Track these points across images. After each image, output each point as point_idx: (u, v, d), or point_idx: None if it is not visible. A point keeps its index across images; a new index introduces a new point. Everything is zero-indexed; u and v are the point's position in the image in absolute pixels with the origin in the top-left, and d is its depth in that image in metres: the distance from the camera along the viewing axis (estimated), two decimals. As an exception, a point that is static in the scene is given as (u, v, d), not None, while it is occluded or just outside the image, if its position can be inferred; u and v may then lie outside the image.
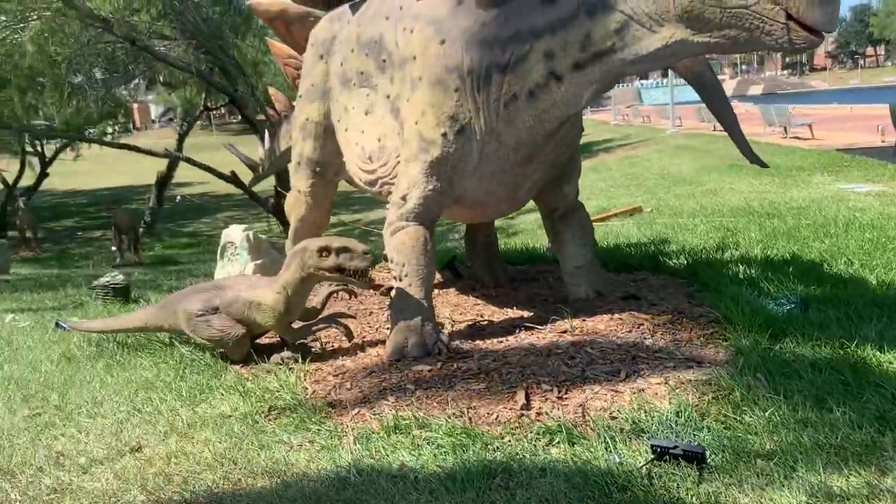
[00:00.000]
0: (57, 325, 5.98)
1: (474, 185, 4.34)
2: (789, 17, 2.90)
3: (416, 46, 4.31)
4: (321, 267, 4.17)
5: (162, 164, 20.26)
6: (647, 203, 11.75)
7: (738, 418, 3.12)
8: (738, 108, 27.57)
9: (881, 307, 4.42)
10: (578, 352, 3.94)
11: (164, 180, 22.46)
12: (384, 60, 4.73)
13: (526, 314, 4.92)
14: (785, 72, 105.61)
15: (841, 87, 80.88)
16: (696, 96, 4.83)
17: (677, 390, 3.41)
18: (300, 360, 4.33)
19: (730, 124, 4.41)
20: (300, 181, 5.94)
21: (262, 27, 16.39)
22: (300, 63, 6.86)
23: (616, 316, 4.50)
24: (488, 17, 4.02)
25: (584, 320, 4.48)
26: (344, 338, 4.55)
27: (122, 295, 7.07)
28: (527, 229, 10.74)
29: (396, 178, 4.60)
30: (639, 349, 3.97)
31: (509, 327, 4.63)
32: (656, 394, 3.41)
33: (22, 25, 12.69)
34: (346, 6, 5.46)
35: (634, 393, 3.42)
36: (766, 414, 3.11)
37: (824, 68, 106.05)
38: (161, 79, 17.31)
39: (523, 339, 4.37)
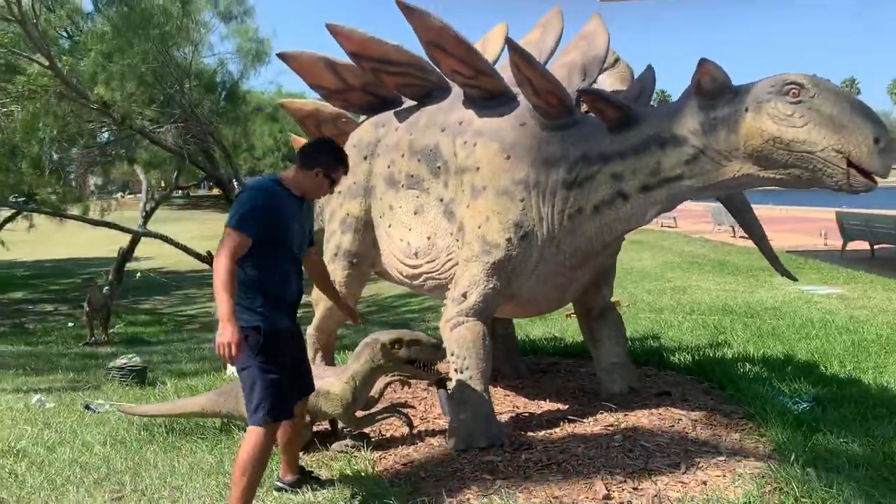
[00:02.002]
0: (87, 407, 6.02)
1: (529, 286, 4.73)
2: (850, 163, 3.45)
3: (481, 159, 4.76)
4: (392, 359, 4.44)
5: (95, 238, 20.18)
6: (621, 297, 12.34)
7: (801, 509, 3.48)
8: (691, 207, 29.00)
9: (888, 407, 4.92)
10: (634, 445, 4.28)
11: (125, 256, 22.23)
12: (439, 167, 5.16)
13: (562, 406, 5.24)
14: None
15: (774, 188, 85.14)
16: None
17: (737, 482, 3.76)
18: (363, 448, 4.54)
19: (760, 238, 4.94)
20: (336, 272, 6.21)
21: (245, 115, 16.91)
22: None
23: (654, 411, 4.87)
24: (553, 138, 4.51)
25: (626, 415, 4.83)
26: (404, 427, 4.78)
27: (139, 377, 7.11)
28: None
29: (454, 275, 4.96)
30: (687, 443, 4.33)
31: (552, 419, 4.94)
32: (719, 486, 3.75)
33: (10, 101, 12.84)
34: (390, 113, 5.90)
35: (699, 484, 3.76)
36: (826, 506, 3.48)
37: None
38: (139, 158, 17.46)
39: (571, 430, 4.69)
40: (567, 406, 5.24)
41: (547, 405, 5.32)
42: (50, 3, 14.19)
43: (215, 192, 62.23)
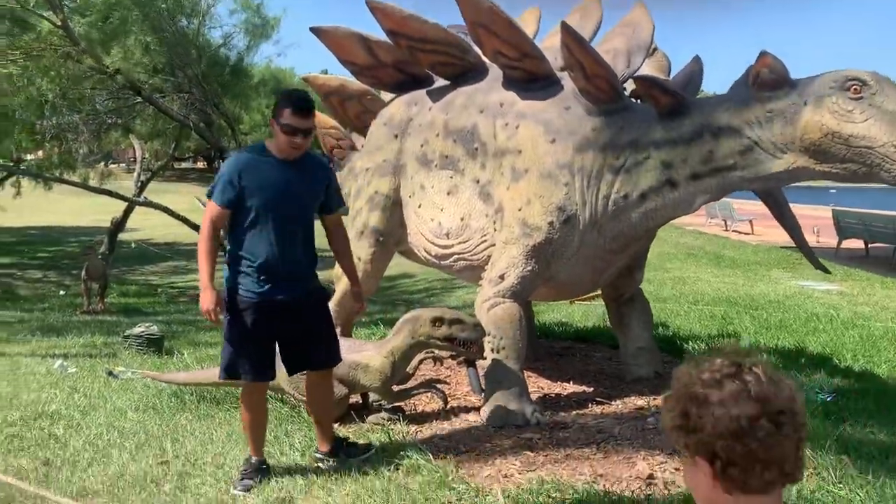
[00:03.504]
0: (110, 374, 6.03)
1: (568, 269, 4.79)
2: (908, 158, 3.54)
3: (524, 141, 4.79)
4: (433, 336, 4.49)
5: (80, 206, 20.05)
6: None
7: (839, 494, 3.58)
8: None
9: (908, 400, 5.04)
10: (669, 427, 4.37)
11: (118, 226, 22.07)
12: (476, 148, 5.19)
13: (587, 389, 5.33)
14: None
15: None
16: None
17: (774, 467, 3.86)
18: (399, 421, 4.60)
19: (798, 235, 5.03)
20: (362, 249, 6.23)
21: (246, 88, 16.81)
22: (341, 134, 7.27)
23: (682, 396, 4.96)
24: (600, 123, 4.56)
25: (654, 398, 4.93)
26: (436, 402, 4.85)
27: (156, 346, 7.12)
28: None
29: (488, 257, 5.02)
30: (719, 428, 4.42)
31: (581, 401, 5.03)
32: (757, 469, 3.85)
33: (19, 57, 12.64)
34: (423, 92, 5.91)
35: (738, 467, 3.86)
36: (864, 492, 3.59)
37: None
38: (137, 128, 17.32)
39: (601, 412, 4.78)
40: (592, 388, 5.33)
41: (572, 387, 5.41)
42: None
43: (200, 165, 61.99)
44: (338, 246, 4.15)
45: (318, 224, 3.99)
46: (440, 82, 5.78)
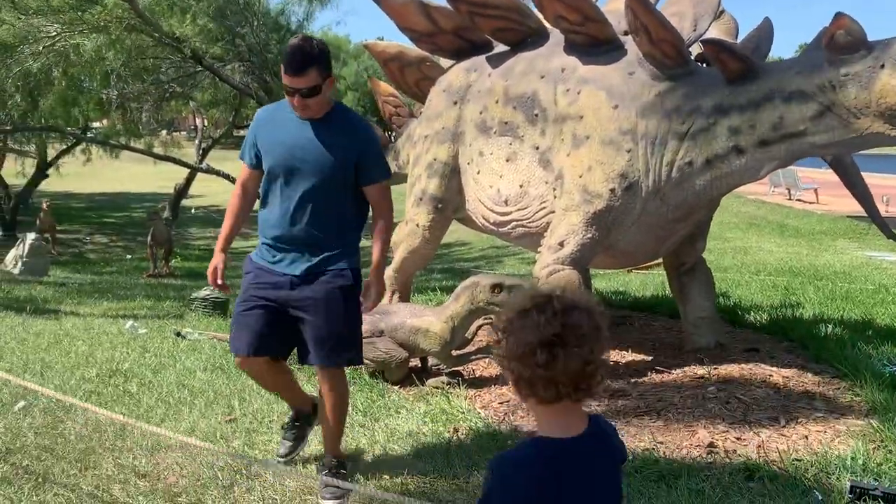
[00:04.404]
0: (178, 335, 6.25)
1: (628, 237, 4.75)
2: None
3: (586, 107, 4.74)
4: (493, 302, 4.53)
5: (142, 173, 20.56)
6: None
7: (908, 467, 3.52)
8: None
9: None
10: (730, 397, 4.34)
11: (181, 192, 22.66)
12: (536, 115, 5.15)
13: (646, 357, 5.31)
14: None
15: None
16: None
17: (839, 438, 3.81)
18: (459, 385, 4.67)
19: (869, 204, 4.88)
20: (420, 216, 6.28)
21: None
22: (399, 102, 7.30)
23: (744, 366, 4.91)
24: (665, 88, 4.47)
25: (715, 368, 4.88)
26: (493, 368, 4.90)
27: (221, 309, 7.34)
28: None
29: (547, 224, 5.01)
30: (782, 398, 4.37)
31: (639, 370, 5.01)
32: (821, 441, 3.80)
33: (85, 30, 12.98)
34: (482, 58, 5.87)
35: (801, 438, 3.82)
36: (933, 465, 3.52)
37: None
38: (199, 97, 17.65)
39: (660, 380, 4.76)
40: (651, 357, 5.30)
41: (630, 356, 5.38)
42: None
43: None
44: (375, 223, 3.49)
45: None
46: (500, 48, 5.74)
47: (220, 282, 3.45)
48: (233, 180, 15.70)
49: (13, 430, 4.00)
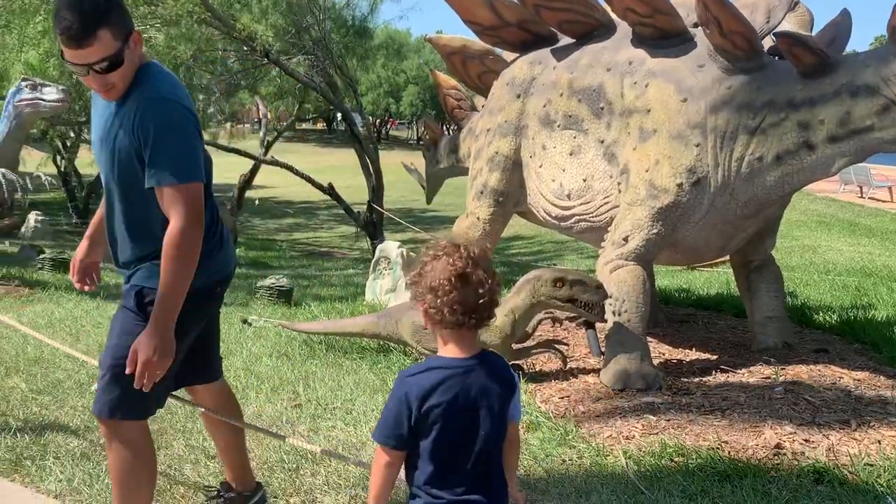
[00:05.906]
0: (245, 322, 6.41)
1: (695, 233, 4.67)
2: None
3: (653, 101, 4.68)
4: (554, 296, 4.51)
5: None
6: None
7: None
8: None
9: None
10: (798, 399, 4.23)
11: (246, 183, 23.13)
12: (601, 108, 5.10)
13: (711, 356, 5.22)
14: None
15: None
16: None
17: (914, 444, 3.68)
18: (519, 378, 4.67)
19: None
20: (481, 209, 6.29)
21: (369, 49, 17.10)
22: (462, 95, 7.30)
23: (813, 367, 4.78)
24: (736, 82, 4.38)
25: (783, 368, 4.77)
26: (555, 362, 4.90)
27: (286, 297, 7.50)
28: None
29: (610, 218, 4.97)
30: (853, 401, 4.24)
31: (704, 368, 4.93)
32: (895, 446, 3.69)
33: (157, 24, 13.37)
34: (546, 51, 5.84)
35: (874, 443, 3.70)
36: None
37: None
38: (264, 90, 18.02)
39: (725, 379, 4.67)
40: (716, 356, 5.21)
41: (694, 354, 5.30)
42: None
43: (319, 126, 63.76)
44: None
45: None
46: (565, 41, 5.71)
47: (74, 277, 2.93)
48: (296, 172, 15.99)
49: (90, 408, 4.17)
